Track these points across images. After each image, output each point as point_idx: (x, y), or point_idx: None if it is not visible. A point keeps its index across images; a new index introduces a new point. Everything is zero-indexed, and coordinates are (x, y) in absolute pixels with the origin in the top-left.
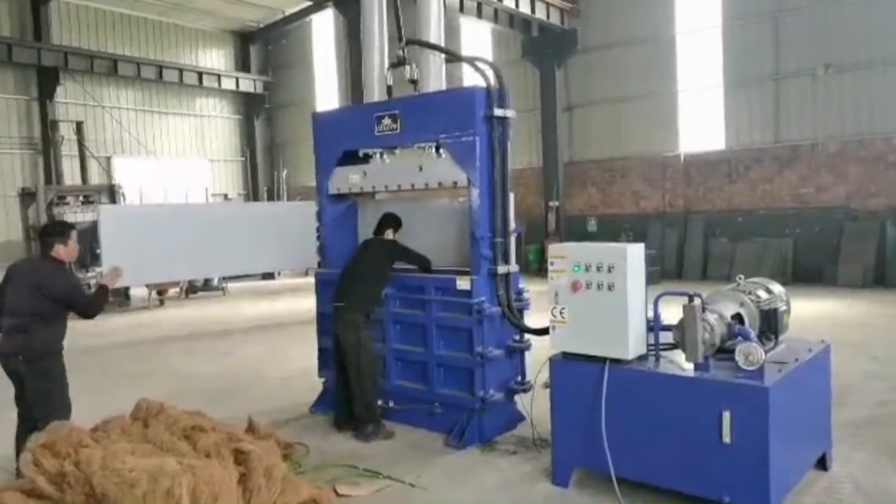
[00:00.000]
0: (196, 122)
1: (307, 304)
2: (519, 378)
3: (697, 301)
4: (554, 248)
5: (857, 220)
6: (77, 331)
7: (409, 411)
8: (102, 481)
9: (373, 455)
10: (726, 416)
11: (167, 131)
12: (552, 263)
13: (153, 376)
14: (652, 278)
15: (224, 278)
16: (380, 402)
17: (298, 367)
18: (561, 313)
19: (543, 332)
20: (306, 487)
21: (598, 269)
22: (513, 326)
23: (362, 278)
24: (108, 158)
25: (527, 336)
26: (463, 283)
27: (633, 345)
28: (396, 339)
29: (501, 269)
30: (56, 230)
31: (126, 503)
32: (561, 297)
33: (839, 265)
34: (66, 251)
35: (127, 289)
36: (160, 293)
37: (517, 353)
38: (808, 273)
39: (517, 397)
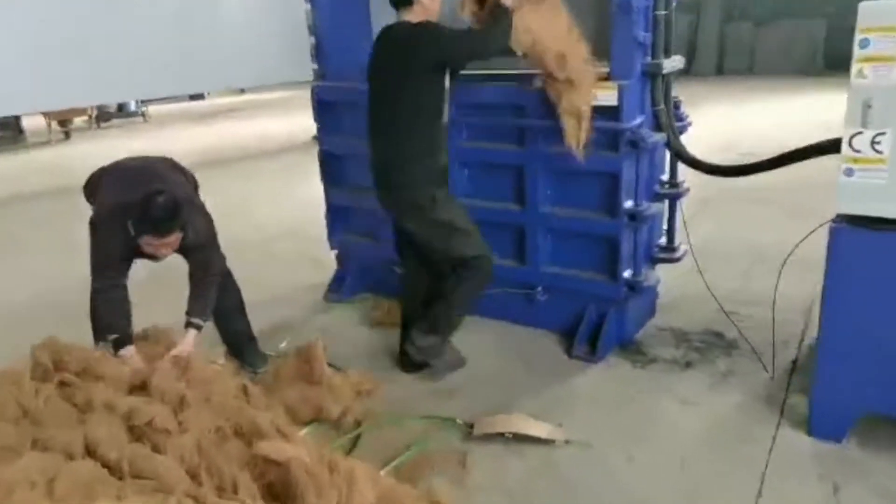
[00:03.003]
0: None
1: (252, 128)
2: (663, 241)
3: None
4: (870, 10)
5: None
6: None
7: (491, 299)
8: None
9: (464, 385)
10: None
11: None
12: (865, 44)
13: (52, 250)
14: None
15: (142, 101)
16: None
17: (276, 223)
18: (873, 144)
19: (742, 170)
20: (404, 493)
21: None
22: (685, 164)
23: (401, 132)
24: None
25: (681, 176)
26: (605, 95)
27: None
28: (465, 189)
29: (667, 64)
30: None
31: None
32: (878, 114)
33: None
34: None
35: (17, 119)
36: (62, 123)
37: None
38: (842, 60)
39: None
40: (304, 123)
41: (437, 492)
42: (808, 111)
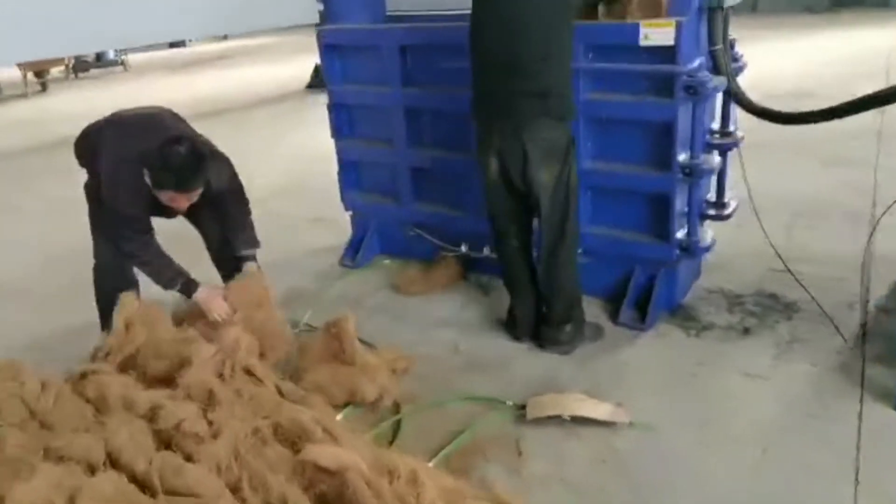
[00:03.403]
0: None
1: (239, 77)
2: (712, 197)
3: None
4: None
5: None
6: None
7: None
8: None
9: (501, 359)
10: None
11: None
12: None
13: (40, 213)
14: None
15: (121, 50)
16: (463, 248)
17: (274, 179)
18: None
19: (823, 115)
20: (463, 491)
21: None
22: (748, 111)
23: (541, 38)
24: None
25: (734, 124)
26: (658, 34)
27: None
28: None
29: None
30: None
31: None
32: None
33: None
34: None
35: None
36: (38, 74)
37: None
38: None
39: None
40: (294, 71)
41: (496, 486)
42: (818, 50)
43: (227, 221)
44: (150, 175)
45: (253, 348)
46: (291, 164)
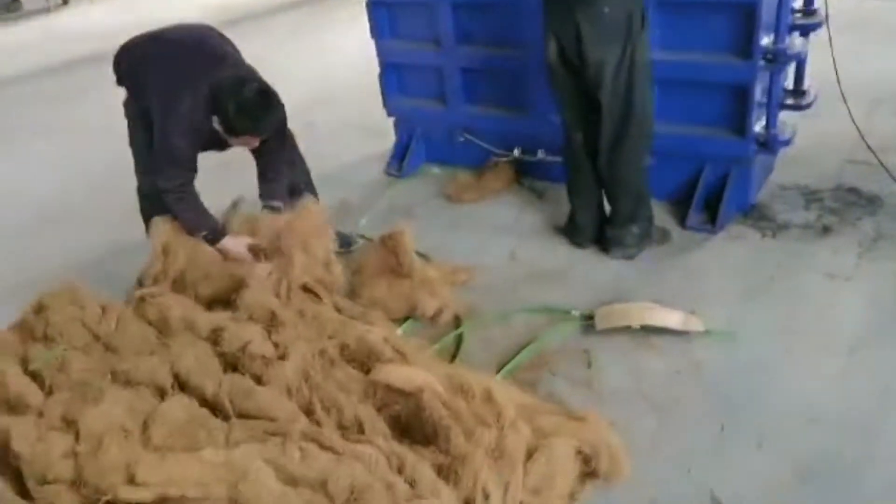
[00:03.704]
0: None
1: None
2: (789, 84)
3: None
4: None
5: None
6: None
7: None
8: None
9: (564, 268)
10: None
11: None
12: None
13: (77, 134)
14: None
15: None
16: (515, 152)
17: (307, 88)
18: None
19: None
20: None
21: None
22: None
23: None
24: None
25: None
26: None
27: None
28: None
29: None
30: None
31: None
32: None
33: None
34: None
35: None
36: None
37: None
38: None
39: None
40: None
41: (568, 400)
42: None
43: (265, 159)
44: (221, 121)
45: (308, 268)
46: (325, 71)
